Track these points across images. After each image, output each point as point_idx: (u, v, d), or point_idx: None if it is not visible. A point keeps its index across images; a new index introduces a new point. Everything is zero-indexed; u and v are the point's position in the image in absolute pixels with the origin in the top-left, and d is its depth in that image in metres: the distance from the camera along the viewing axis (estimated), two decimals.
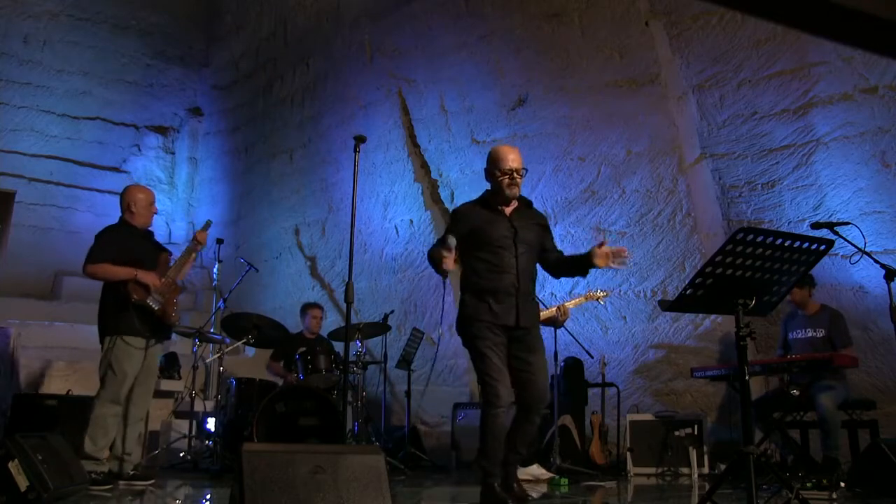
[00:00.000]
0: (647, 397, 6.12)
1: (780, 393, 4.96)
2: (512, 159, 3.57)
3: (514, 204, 3.65)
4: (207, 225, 4.91)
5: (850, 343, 4.94)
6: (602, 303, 5.49)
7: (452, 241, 3.37)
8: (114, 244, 4.47)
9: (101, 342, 4.38)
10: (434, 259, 3.42)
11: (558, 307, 5.11)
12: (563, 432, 5.48)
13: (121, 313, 4.33)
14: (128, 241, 4.53)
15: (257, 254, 8.61)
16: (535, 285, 3.65)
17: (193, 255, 4.77)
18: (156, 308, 4.37)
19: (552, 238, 3.83)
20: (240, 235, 9.21)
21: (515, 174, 3.55)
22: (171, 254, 4.69)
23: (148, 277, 4.38)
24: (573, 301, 5.31)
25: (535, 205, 3.91)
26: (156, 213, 4.72)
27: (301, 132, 8.63)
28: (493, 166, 3.61)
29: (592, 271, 6.29)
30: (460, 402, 6.49)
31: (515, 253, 3.50)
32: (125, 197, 4.61)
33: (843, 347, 4.87)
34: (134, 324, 4.34)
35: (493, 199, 3.64)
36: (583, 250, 3.75)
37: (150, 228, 4.73)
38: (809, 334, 5.03)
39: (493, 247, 3.52)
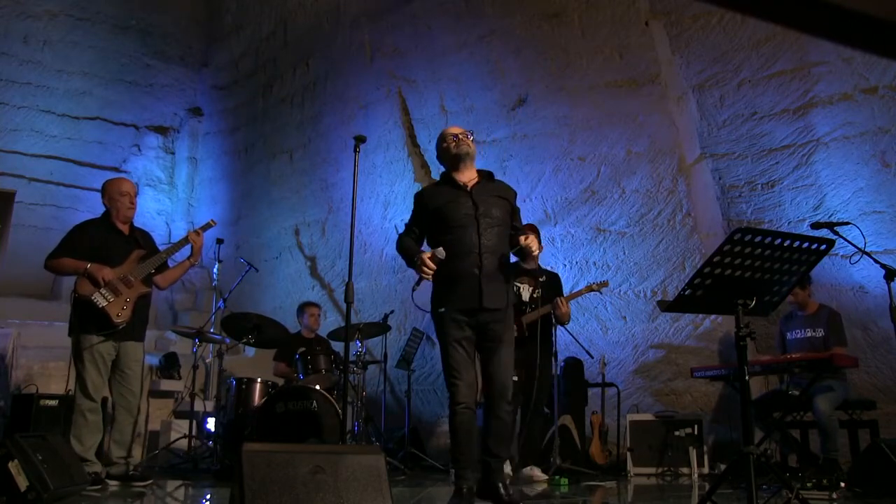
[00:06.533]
0: (647, 397, 6.12)
1: (779, 393, 4.95)
2: (453, 129, 3.61)
3: (476, 178, 3.54)
4: (207, 226, 4.64)
5: (844, 343, 4.90)
6: (601, 293, 5.41)
7: (441, 253, 3.28)
8: (81, 238, 4.30)
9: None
10: (414, 264, 3.36)
11: (555, 302, 5.02)
12: (563, 432, 5.48)
13: (76, 310, 4.19)
14: (98, 234, 4.33)
15: (257, 254, 8.61)
16: (507, 265, 3.44)
17: (192, 261, 4.50)
18: (101, 305, 4.09)
19: (519, 215, 3.65)
20: (240, 235, 9.21)
21: (460, 135, 3.54)
22: (145, 252, 4.40)
23: (100, 272, 4.12)
24: (573, 294, 5.27)
25: (535, 204, 3.87)
26: (130, 205, 4.43)
27: (301, 132, 8.63)
28: (441, 143, 3.61)
29: (592, 271, 6.35)
30: None
31: (478, 230, 3.37)
32: (102, 191, 4.48)
33: (836, 345, 4.83)
34: (89, 321, 4.15)
35: (451, 173, 3.56)
36: (582, 250, 3.75)
37: (136, 225, 4.57)
38: (808, 334, 5.01)
39: (454, 227, 3.41)
